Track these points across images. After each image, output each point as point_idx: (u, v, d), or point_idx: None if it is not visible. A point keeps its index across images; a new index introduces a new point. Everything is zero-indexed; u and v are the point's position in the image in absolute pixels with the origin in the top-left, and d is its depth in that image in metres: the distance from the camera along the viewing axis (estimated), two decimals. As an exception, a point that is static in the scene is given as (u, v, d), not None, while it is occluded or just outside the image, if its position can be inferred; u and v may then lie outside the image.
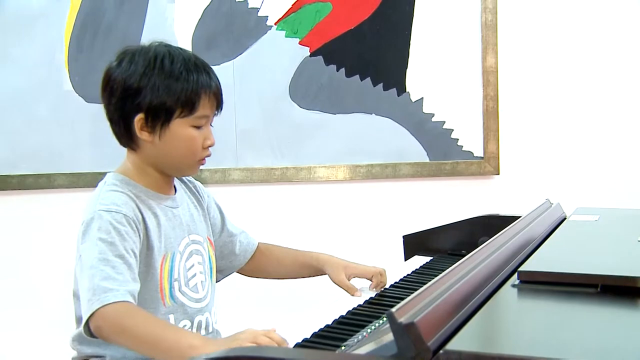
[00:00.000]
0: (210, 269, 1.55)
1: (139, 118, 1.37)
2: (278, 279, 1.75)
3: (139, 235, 1.35)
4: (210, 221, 1.60)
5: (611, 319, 1.03)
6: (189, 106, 1.38)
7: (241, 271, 1.70)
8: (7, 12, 2.54)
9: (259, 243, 1.70)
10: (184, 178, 1.57)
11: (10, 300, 2.58)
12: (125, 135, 1.41)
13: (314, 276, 1.69)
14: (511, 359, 0.83)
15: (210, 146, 1.43)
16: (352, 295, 1.56)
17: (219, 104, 1.44)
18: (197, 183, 1.62)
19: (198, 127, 1.40)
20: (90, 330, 1.25)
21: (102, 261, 1.26)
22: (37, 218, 2.58)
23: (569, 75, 2.63)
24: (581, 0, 2.62)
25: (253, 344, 1.13)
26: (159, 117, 1.37)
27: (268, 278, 1.74)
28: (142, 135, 1.38)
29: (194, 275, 1.48)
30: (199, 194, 1.59)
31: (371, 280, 1.61)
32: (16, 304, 2.58)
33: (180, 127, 1.38)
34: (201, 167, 1.47)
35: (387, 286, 1.61)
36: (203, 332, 1.48)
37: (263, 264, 1.70)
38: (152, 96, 1.36)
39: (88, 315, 1.23)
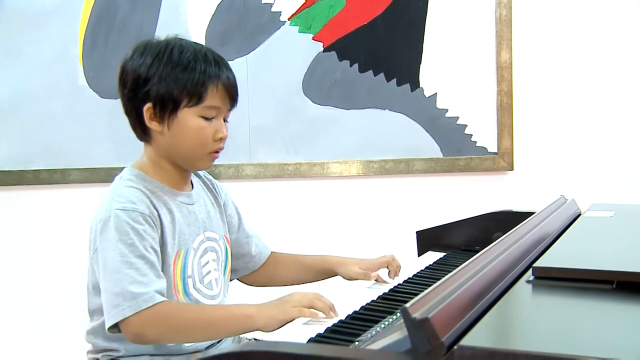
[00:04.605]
0: (225, 266, 1.55)
1: (147, 107, 1.38)
2: (284, 285, 1.70)
3: (157, 231, 1.36)
4: (227, 219, 1.59)
5: (626, 315, 1.02)
6: (196, 96, 1.38)
7: (248, 280, 1.69)
8: (21, 9, 2.55)
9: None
10: (201, 174, 1.58)
11: (24, 295, 2.60)
12: (138, 126, 1.42)
13: (320, 280, 1.68)
14: (525, 354, 0.82)
15: (221, 139, 1.42)
16: (370, 279, 1.58)
17: (232, 98, 1.43)
18: (215, 181, 1.62)
19: (208, 119, 1.40)
20: (120, 331, 1.29)
21: (125, 264, 1.28)
22: (51, 213, 2.60)
23: (583, 71, 2.61)
24: (597, -5, 2.61)
25: (309, 307, 1.26)
26: (167, 107, 1.38)
27: (274, 286, 1.71)
28: (152, 125, 1.39)
29: (209, 272, 1.48)
30: (216, 192, 1.59)
31: (387, 269, 1.62)
32: (30, 299, 2.60)
33: (188, 117, 1.38)
34: (215, 162, 1.47)
35: (400, 282, 1.60)
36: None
37: (271, 272, 1.69)
38: (159, 85, 1.37)
39: (118, 319, 1.26)
